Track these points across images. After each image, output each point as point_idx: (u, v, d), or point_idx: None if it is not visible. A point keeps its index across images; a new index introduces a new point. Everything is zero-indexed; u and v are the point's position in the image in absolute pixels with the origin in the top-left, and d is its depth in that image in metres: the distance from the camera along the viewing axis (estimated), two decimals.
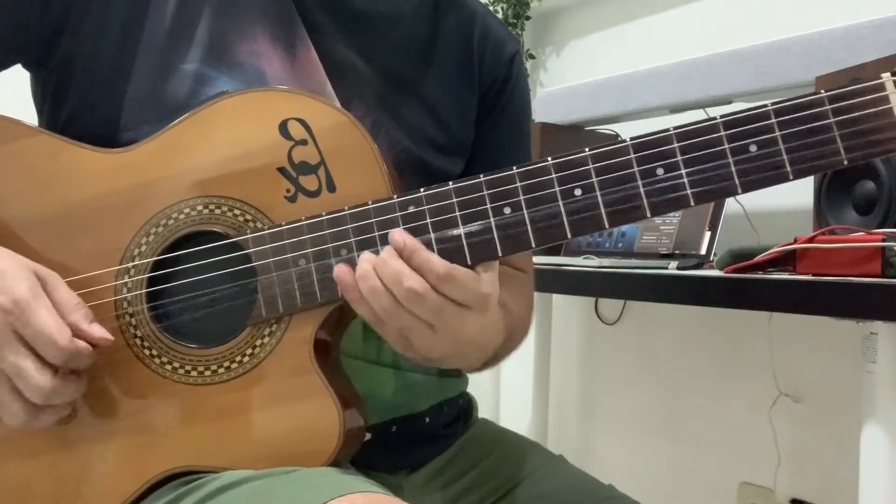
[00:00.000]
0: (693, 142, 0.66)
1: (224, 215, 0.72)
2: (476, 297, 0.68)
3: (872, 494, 0.97)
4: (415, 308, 0.66)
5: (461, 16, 0.92)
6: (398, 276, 0.65)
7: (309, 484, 0.65)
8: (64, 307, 0.68)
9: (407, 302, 0.66)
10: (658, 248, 1.56)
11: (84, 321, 0.68)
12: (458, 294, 0.67)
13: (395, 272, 0.66)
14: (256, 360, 0.71)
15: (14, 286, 0.66)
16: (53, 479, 0.73)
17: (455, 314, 0.67)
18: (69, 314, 0.68)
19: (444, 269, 0.66)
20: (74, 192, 0.74)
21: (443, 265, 0.66)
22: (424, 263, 0.66)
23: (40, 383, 0.66)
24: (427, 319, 0.67)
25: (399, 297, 0.66)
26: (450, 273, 0.66)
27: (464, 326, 0.68)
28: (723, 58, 1.53)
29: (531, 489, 0.91)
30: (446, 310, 0.67)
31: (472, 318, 0.68)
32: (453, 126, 0.89)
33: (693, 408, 1.90)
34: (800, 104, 0.65)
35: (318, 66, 0.80)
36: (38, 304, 0.66)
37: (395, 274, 0.66)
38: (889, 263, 0.96)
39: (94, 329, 0.69)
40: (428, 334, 0.68)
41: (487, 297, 0.68)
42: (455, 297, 0.67)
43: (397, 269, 0.66)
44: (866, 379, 0.99)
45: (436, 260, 0.66)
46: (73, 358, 0.67)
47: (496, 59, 0.93)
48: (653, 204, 0.67)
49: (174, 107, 0.75)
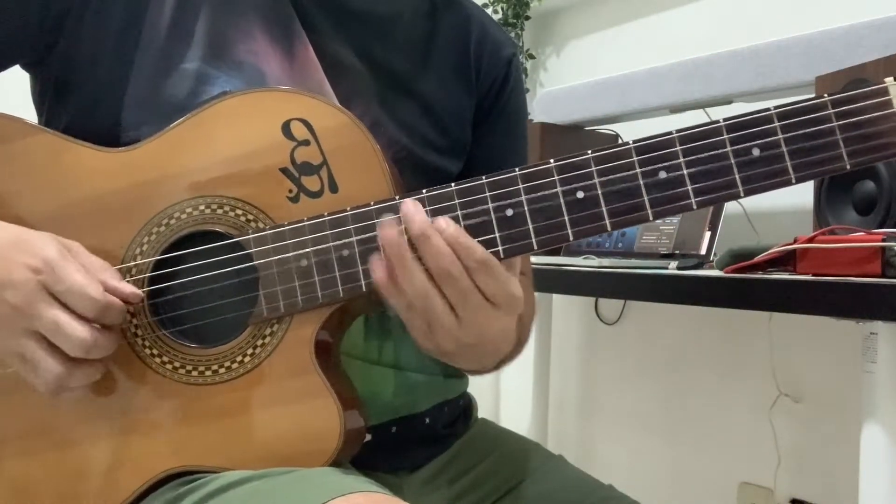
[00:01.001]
0: (696, 145, 0.66)
1: (226, 215, 0.72)
2: (505, 294, 0.67)
3: (872, 494, 0.97)
4: (447, 287, 0.66)
5: (458, 18, 0.92)
6: (437, 255, 0.65)
7: (309, 484, 0.65)
8: (92, 268, 0.69)
9: (440, 280, 0.66)
10: (658, 248, 1.56)
11: (113, 279, 0.70)
12: (491, 286, 0.67)
13: (436, 250, 0.65)
14: (257, 360, 0.71)
15: (42, 248, 0.67)
16: (54, 477, 0.73)
17: (482, 305, 0.67)
18: (98, 272, 0.69)
19: (484, 254, 0.66)
20: (76, 190, 0.74)
21: (483, 252, 0.66)
22: (466, 249, 0.66)
23: (81, 334, 0.66)
24: (455, 303, 0.66)
25: (435, 274, 0.65)
26: (488, 260, 0.66)
27: (489, 320, 0.68)
28: (723, 58, 1.53)
29: (531, 489, 0.91)
30: (474, 297, 0.66)
31: (497, 315, 0.68)
32: (451, 127, 0.89)
33: (693, 408, 1.90)
34: (803, 108, 0.65)
35: (317, 65, 0.80)
36: (67, 262, 0.67)
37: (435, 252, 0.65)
38: (889, 263, 0.96)
39: (123, 285, 0.70)
40: (453, 322, 0.67)
41: (515, 297, 0.68)
42: (486, 288, 0.67)
43: (439, 247, 0.65)
44: (866, 379, 0.99)
45: (477, 247, 0.66)
46: (107, 311, 0.68)
47: (494, 61, 0.93)
48: (655, 207, 0.66)
49: (175, 106, 0.75)
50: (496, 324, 0.69)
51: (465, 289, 0.66)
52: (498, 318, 0.68)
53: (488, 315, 0.68)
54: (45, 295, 0.67)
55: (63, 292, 0.67)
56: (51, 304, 0.67)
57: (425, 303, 0.66)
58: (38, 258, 0.67)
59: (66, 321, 0.66)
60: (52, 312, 0.66)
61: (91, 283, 0.67)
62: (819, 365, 1.63)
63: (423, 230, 0.65)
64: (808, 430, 1.66)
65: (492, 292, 0.67)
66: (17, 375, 0.70)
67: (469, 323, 0.67)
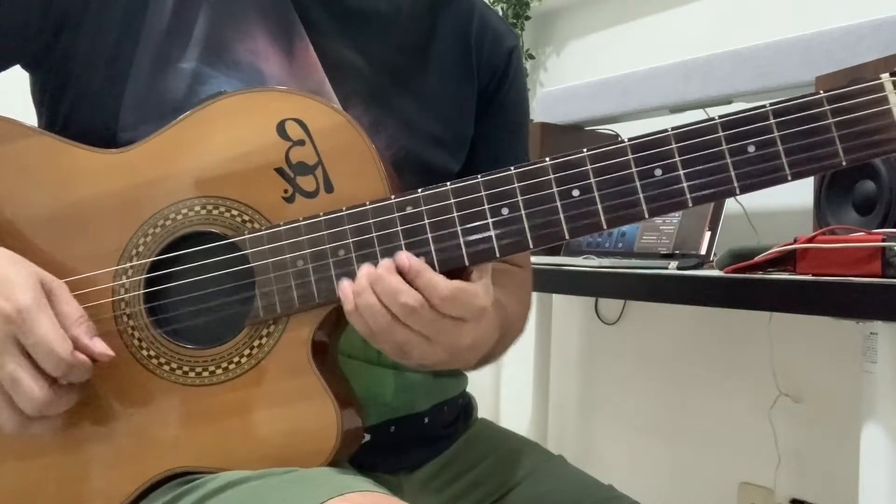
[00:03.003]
0: (691, 142, 0.66)
1: (222, 216, 0.72)
2: (474, 310, 0.68)
3: (872, 494, 0.97)
4: (411, 322, 0.66)
5: (458, 11, 0.92)
6: (394, 293, 0.66)
7: (307, 484, 0.65)
8: (67, 319, 0.68)
9: (403, 317, 0.66)
10: (658, 248, 1.56)
11: (86, 335, 0.68)
12: (459, 311, 0.67)
13: (392, 289, 0.66)
14: (254, 360, 0.71)
15: (18, 294, 0.66)
16: (53, 479, 0.73)
17: (451, 327, 0.67)
18: (72, 327, 0.68)
19: (448, 290, 0.66)
20: (72, 192, 0.74)
21: (447, 287, 0.66)
22: (430, 286, 0.66)
23: (34, 395, 0.66)
24: (423, 333, 0.67)
25: (395, 312, 0.66)
26: (454, 295, 0.66)
27: (460, 336, 0.69)
28: (723, 58, 1.53)
29: (531, 489, 0.91)
30: (441, 323, 0.67)
31: (468, 328, 0.69)
32: (453, 120, 0.89)
33: (693, 408, 1.90)
34: (798, 104, 0.65)
35: (317, 64, 0.80)
36: (40, 313, 0.66)
37: (392, 290, 0.66)
38: (889, 263, 0.96)
39: (95, 344, 0.68)
40: (424, 345, 0.68)
41: (484, 309, 0.69)
42: (455, 314, 0.67)
43: (394, 285, 0.66)
44: (866, 379, 0.99)
45: (440, 281, 0.66)
46: (72, 370, 0.67)
47: (495, 52, 0.93)
48: (651, 205, 0.66)
49: (172, 106, 0.75)
50: (467, 336, 0.69)
51: (432, 319, 0.66)
52: (469, 330, 0.69)
53: (459, 331, 0.68)
54: (12, 346, 0.66)
55: (31, 346, 0.66)
56: (15, 356, 0.65)
57: (395, 337, 0.67)
58: (12, 305, 0.65)
59: (24, 378, 0.65)
60: (13, 367, 0.65)
61: (60, 339, 0.66)
62: (819, 365, 1.63)
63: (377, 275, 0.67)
64: (808, 430, 1.65)
65: (459, 314, 0.67)
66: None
67: (440, 342, 0.68)
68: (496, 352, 0.82)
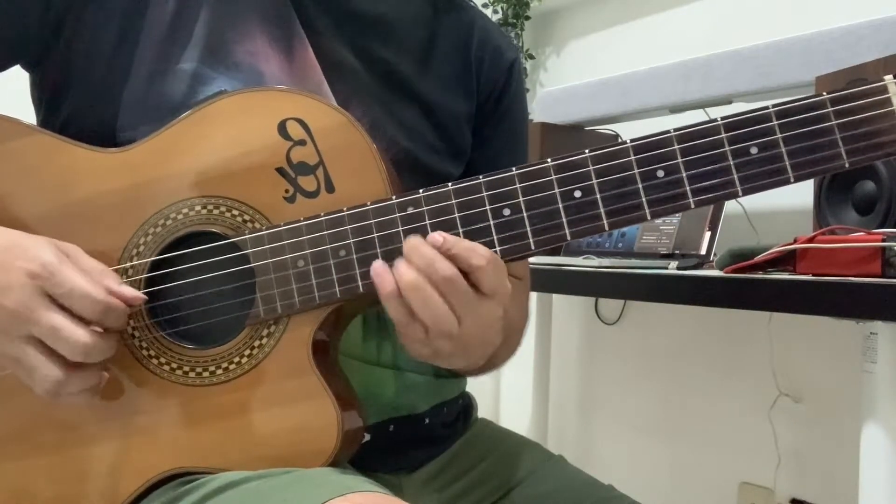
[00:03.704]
0: (694, 144, 0.66)
1: (222, 216, 0.72)
2: (505, 285, 0.68)
3: (872, 494, 0.97)
4: (450, 296, 0.66)
5: (460, 22, 0.92)
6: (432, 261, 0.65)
7: (308, 484, 0.65)
8: (92, 271, 0.68)
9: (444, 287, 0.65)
10: (658, 248, 1.56)
11: (114, 282, 0.69)
12: (494, 280, 0.67)
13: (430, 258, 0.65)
14: (255, 361, 0.71)
15: (39, 252, 0.67)
16: (53, 479, 0.73)
17: (478, 301, 0.67)
18: (98, 276, 0.68)
19: (489, 252, 0.66)
20: (72, 191, 0.74)
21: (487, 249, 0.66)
22: (469, 249, 0.66)
23: (81, 338, 0.66)
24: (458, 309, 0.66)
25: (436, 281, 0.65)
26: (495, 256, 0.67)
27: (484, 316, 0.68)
28: (723, 58, 1.53)
29: (531, 489, 0.91)
30: (472, 298, 0.66)
31: (490, 306, 0.68)
32: (451, 130, 0.89)
33: (693, 408, 1.90)
34: (801, 106, 0.64)
35: (316, 65, 0.80)
36: (65, 265, 0.67)
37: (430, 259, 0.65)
38: (889, 263, 0.96)
39: (125, 288, 0.69)
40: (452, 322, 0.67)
41: (507, 287, 0.68)
42: (490, 283, 0.66)
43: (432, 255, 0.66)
44: (866, 379, 0.99)
45: (479, 245, 0.66)
46: (109, 312, 0.67)
47: (495, 66, 0.93)
48: (653, 206, 0.66)
49: (172, 107, 0.75)
50: (490, 315, 0.69)
51: (466, 291, 0.66)
52: (491, 308, 0.68)
53: (485, 309, 0.68)
54: (44, 299, 0.66)
55: (63, 295, 0.66)
56: (49, 308, 0.66)
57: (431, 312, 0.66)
58: (35, 262, 0.66)
59: (65, 325, 0.66)
60: (51, 316, 0.66)
61: (93, 284, 0.67)
62: (819, 365, 1.63)
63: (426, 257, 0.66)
64: (808, 430, 1.65)
65: (493, 285, 0.67)
66: (15, 377, 0.69)
67: (467, 321, 0.67)
68: (497, 357, 0.82)
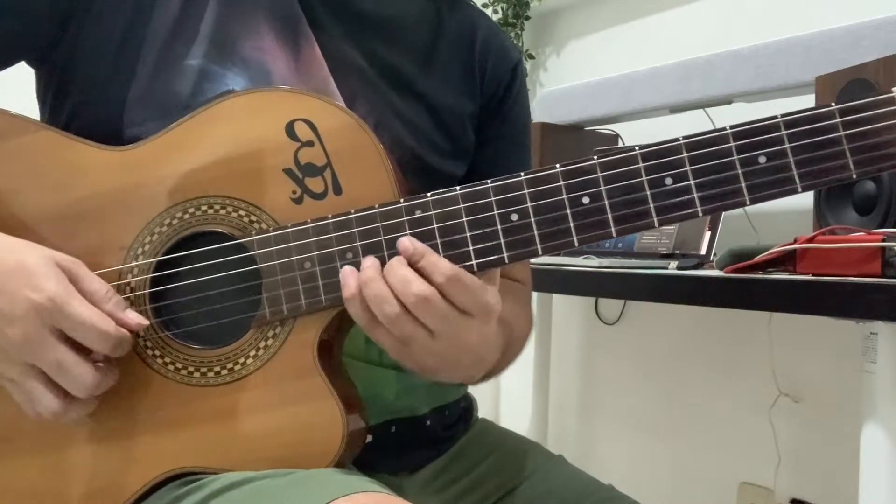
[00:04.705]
0: (702, 152, 0.66)
1: (229, 216, 0.72)
2: (480, 304, 0.67)
3: (872, 494, 0.97)
4: (421, 314, 0.66)
5: (464, 23, 0.92)
6: (406, 282, 0.65)
7: (312, 484, 0.65)
8: (96, 296, 0.68)
9: (415, 308, 0.65)
10: (658, 248, 1.56)
11: (119, 309, 0.69)
12: (464, 299, 0.66)
13: (403, 277, 0.65)
14: (260, 362, 0.71)
15: (44, 283, 0.66)
16: (56, 478, 0.73)
17: (457, 320, 0.67)
18: (102, 304, 0.68)
19: (451, 270, 0.66)
20: (77, 189, 0.74)
21: (450, 266, 0.66)
22: (433, 265, 0.66)
23: (86, 377, 0.66)
24: (431, 327, 0.66)
25: (407, 303, 0.65)
26: (457, 274, 0.66)
27: (466, 333, 0.68)
28: (723, 58, 1.53)
29: (531, 489, 0.91)
30: (449, 316, 0.66)
31: (473, 325, 0.68)
32: (454, 131, 0.89)
33: (693, 408, 1.90)
34: (810, 116, 0.64)
35: (322, 63, 0.80)
36: (71, 297, 0.66)
37: (403, 279, 0.65)
38: (889, 263, 0.96)
39: (129, 316, 0.69)
40: (427, 340, 0.67)
41: (491, 306, 0.68)
42: (460, 302, 0.66)
43: (405, 274, 0.66)
44: (866, 379, 0.99)
45: (443, 262, 0.66)
46: (119, 345, 0.68)
47: (499, 67, 0.93)
48: (661, 214, 0.66)
49: (178, 103, 0.75)
50: (472, 334, 0.69)
51: (441, 311, 0.66)
52: (474, 327, 0.68)
53: (467, 326, 0.68)
54: (49, 335, 0.65)
55: (72, 329, 0.66)
56: (55, 344, 0.65)
57: (403, 330, 0.67)
58: (42, 295, 0.65)
59: (71, 361, 0.66)
60: (57, 352, 0.65)
61: (101, 318, 0.66)
62: (819, 365, 1.63)
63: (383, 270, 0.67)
64: (808, 430, 1.66)
65: (467, 304, 0.67)
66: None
67: (443, 337, 0.67)
68: (497, 369, 0.82)
